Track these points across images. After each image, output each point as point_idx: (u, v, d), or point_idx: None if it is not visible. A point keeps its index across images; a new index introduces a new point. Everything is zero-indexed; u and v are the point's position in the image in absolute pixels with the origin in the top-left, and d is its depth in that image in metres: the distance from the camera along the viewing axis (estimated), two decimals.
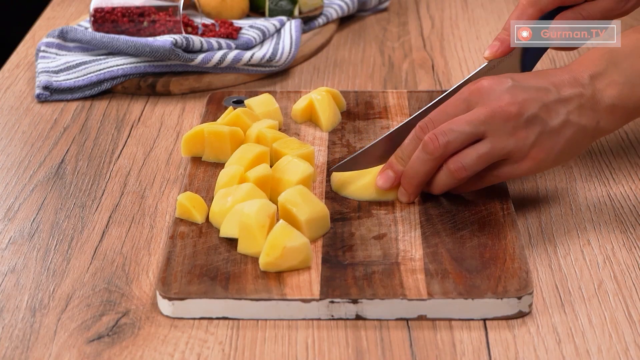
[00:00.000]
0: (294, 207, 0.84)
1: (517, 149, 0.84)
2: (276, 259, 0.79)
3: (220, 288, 0.78)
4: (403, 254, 0.82)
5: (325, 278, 0.79)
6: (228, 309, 0.77)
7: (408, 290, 0.77)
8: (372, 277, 0.79)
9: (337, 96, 1.07)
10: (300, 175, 0.89)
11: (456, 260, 0.81)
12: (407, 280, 0.78)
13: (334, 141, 1.01)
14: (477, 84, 0.86)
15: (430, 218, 0.87)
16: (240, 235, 0.82)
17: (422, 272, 0.79)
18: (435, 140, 0.84)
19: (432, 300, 0.76)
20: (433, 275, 0.79)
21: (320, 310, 0.77)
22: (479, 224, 0.86)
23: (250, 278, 0.79)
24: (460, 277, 0.78)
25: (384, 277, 0.79)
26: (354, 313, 0.77)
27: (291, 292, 0.78)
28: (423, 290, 0.77)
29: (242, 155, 0.92)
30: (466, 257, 0.81)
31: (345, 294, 0.77)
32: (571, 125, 0.85)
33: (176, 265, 0.81)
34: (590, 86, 0.85)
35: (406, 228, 0.85)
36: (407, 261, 0.81)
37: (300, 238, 0.80)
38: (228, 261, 0.81)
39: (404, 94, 1.10)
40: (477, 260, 0.81)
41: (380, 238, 0.84)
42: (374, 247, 0.83)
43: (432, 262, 0.80)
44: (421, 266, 0.80)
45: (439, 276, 0.79)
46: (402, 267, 0.80)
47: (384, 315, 0.77)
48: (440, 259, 0.81)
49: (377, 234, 0.85)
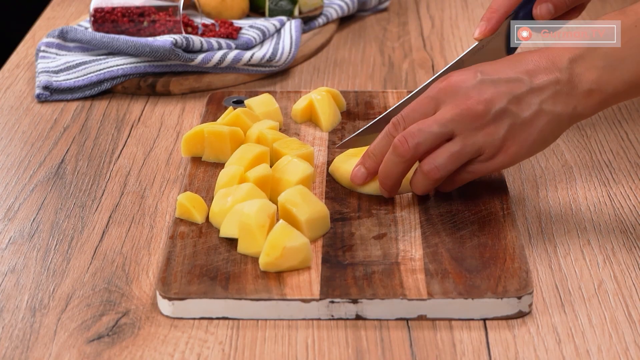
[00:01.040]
0: (294, 207, 0.84)
1: (488, 145, 0.84)
2: (276, 259, 0.79)
3: (220, 288, 0.78)
4: (403, 254, 0.82)
5: (325, 278, 0.79)
6: (228, 309, 0.77)
7: (408, 290, 0.77)
8: (372, 277, 0.79)
9: (337, 96, 1.07)
10: (300, 175, 0.89)
11: (456, 260, 0.81)
12: (407, 280, 0.78)
13: (334, 141, 1.01)
14: (445, 81, 0.86)
15: (430, 218, 0.87)
16: (240, 235, 0.82)
17: (422, 272, 0.79)
18: (405, 143, 0.84)
19: (432, 300, 0.76)
20: (433, 275, 0.79)
21: (320, 310, 0.77)
22: (479, 224, 0.86)
23: (250, 278, 0.79)
24: (460, 277, 0.78)
25: (384, 277, 0.79)
26: (354, 313, 0.77)
27: (291, 292, 0.78)
28: (423, 290, 0.77)
29: (242, 156, 0.92)
30: (466, 257, 0.81)
31: (345, 294, 0.77)
32: (545, 114, 0.84)
33: (176, 265, 0.81)
34: (568, 70, 0.84)
35: (406, 228, 0.85)
36: (407, 261, 0.81)
37: (300, 238, 0.80)
38: (228, 261, 0.81)
39: (403, 94, 1.10)
40: (477, 260, 0.81)
41: (380, 238, 0.84)
42: (374, 247, 0.83)
43: (432, 262, 0.80)
44: (421, 266, 0.80)
45: (439, 276, 0.79)
46: (402, 267, 0.80)
47: (384, 315, 0.77)
48: (440, 259, 0.81)
49: (377, 234, 0.85)
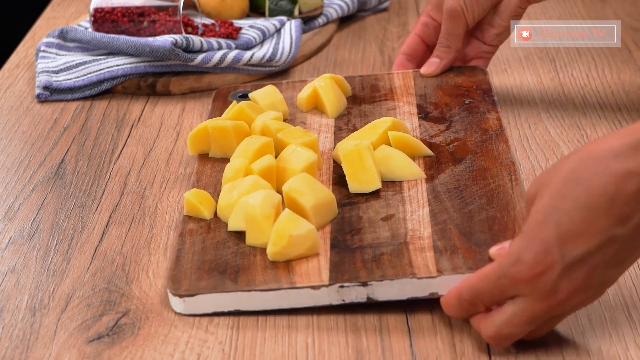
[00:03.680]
0: (299, 195, 0.84)
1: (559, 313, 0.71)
2: (283, 247, 0.79)
3: (229, 281, 0.78)
4: (411, 233, 0.81)
5: (334, 263, 0.79)
6: (238, 302, 0.77)
7: (417, 269, 0.77)
8: (381, 258, 0.78)
9: (341, 82, 1.06)
10: (304, 163, 0.89)
11: (465, 235, 0.80)
12: (416, 259, 0.78)
13: (340, 127, 1.01)
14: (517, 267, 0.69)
15: (438, 195, 0.86)
16: (247, 228, 0.82)
17: (430, 249, 0.79)
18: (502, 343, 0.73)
19: (441, 277, 0.76)
20: (442, 252, 0.78)
21: (330, 296, 0.77)
22: (487, 198, 0.85)
23: (259, 269, 0.79)
24: (469, 252, 0.78)
25: (392, 257, 0.78)
26: (364, 296, 0.76)
27: (300, 280, 0.77)
28: (432, 267, 0.76)
29: (246, 148, 0.92)
30: (475, 231, 0.80)
31: (355, 278, 0.77)
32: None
33: (185, 262, 0.81)
34: None
35: (414, 207, 0.85)
36: (415, 240, 0.80)
37: (306, 225, 0.80)
38: (237, 254, 0.81)
39: (409, 74, 1.09)
40: (486, 234, 0.80)
41: (388, 219, 0.84)
42: (382, 229, 0.82)
43: (440, 239, 0.80)
44: (430, 244, 0.79)
45: (448, 252, 0.78)
46: (411, 247, 0.79)
47: (395, 295, 0.76)
48: (449, 235, 0.80)
49: (385, 216, 0.84)
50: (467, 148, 0.93)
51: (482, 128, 0.96)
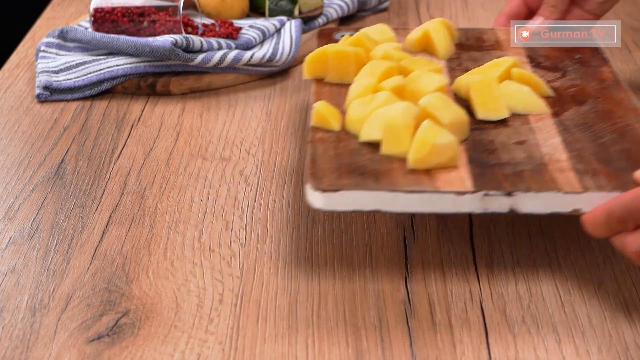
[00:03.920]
0: (436, 110, 0.84)
1: None
2: (425, 155, 0.79)
3: (372, 181, 0.78)
4: (548, 157, 0.81)
5: (475, 174, 0.79)
6: (380, 202, 0.77)
7: (561, 185, 0.77)
8: (522, 174, 0.78)
9: (450, 27, 1.07)
10: (436, 85, 0.90)
11: (603, 162, 0.80)
12: (558, 177, 0.78)
13: (453, 67, 1.00)
14: None
15: (568, 128, 0.86)
16: (384, 137, 0.82)
17: (571, 170, 0.79)
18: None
19: (588, 194, 0.76)
20: (583, 174, 0.78)
21: (474, 203, 0.77)
22: (619, 134, 0.85)
23: (400, 174, 0.79)
24: (611, 175, 0.78)
25: (533, 174, 0.78)
26: (507, 207, 0.77)
27: (444, 186, 0.77)
28: (577, 184, 0.77)
29: (372, 71, 0.93)
30: (613, 159, 0.80)
31: (500, 187, 0.77)
32: None
33: (323, 164, 0.81)
34: None
35: (545, 136, 0.85)
36: (553, 162, 0.80)
37: (448, 136, 0.80)
38: (373, 161, 0.81)
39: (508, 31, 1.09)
40: (624, 162, 0.80)
41: (521, 144, 0.84)
42: (517, 151, 0.82)
43: (579, 163, 0.80)
44: (569, 166, 0.79)
45: (590, 174, 0.78)
46: (550, 167, 0.79)
47: (538, 209, 0.76)
48: (587, 161, 0.80)
49: (517, 141, 0.84)
50: (586, 93, 0.93)
51: (598, 78, 0.96)
